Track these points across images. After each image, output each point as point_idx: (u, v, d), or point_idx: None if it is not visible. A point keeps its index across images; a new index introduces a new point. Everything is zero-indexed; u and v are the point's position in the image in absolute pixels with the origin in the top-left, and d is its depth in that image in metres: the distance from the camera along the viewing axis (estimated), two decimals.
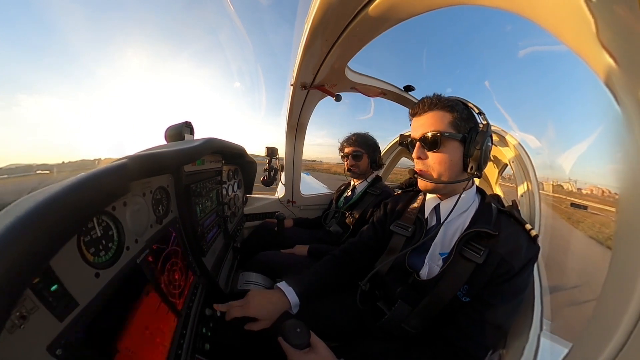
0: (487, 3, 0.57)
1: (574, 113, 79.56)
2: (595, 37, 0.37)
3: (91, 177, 0.41)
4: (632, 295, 0.35)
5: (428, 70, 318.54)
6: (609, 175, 0.42)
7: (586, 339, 0.43)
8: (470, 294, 0.68)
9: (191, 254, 0.84)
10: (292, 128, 1.74)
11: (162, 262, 0.67)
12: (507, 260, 0.64)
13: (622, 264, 0.39)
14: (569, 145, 25.01)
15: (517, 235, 0.68)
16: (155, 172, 0.70)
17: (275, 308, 0.78)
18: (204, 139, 0.88)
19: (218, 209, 1.13)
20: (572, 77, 21.39)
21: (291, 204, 2.02)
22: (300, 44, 1.01)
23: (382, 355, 0.73)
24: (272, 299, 0.80)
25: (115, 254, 0.50)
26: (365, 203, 1.49)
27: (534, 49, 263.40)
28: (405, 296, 0.78)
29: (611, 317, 0.38)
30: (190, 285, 0.77)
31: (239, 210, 1.45)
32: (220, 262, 1.01)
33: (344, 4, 0.77)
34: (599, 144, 11.65)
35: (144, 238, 0.63)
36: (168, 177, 0.80)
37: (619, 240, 0.39)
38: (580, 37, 0.41)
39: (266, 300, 0.78)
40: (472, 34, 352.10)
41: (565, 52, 0.46)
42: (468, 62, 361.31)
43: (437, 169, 0.73)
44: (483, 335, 0.65)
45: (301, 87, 1.32)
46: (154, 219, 0.69)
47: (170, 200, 0.79)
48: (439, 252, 0.77)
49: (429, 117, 0.74)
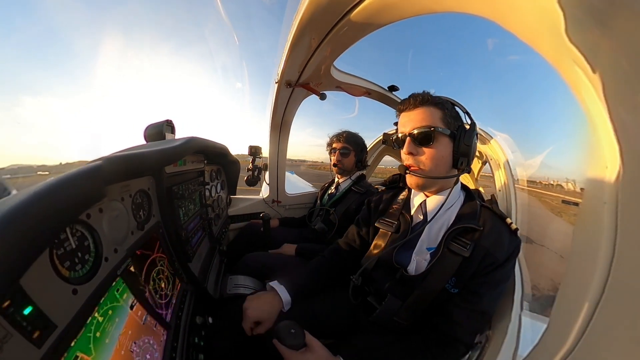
0: (471, 11, 0.59)
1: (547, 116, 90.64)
2: (568, 50, 0.40)
3: (61, 182, 0.35)
4: (594, 271, 0.38)
5: (412, 71, 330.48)
6: (577, 172, 0.47)
7: (561, 313, 0.47)
8: (458, 285, 0.70)
9: (177, 260, 0.78)
10: (276, 126, 1.69)
11: (146, 272, 0.61)
12: (492, 253, 0.67)
13: (584, 245, 0.43)
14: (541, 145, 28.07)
15: (500, 229, 0.71)
16: (135, 174, 0.63)
17: (273, 307, 0.79)
18: (186, 138, 0.82)
19: (202, 212, 1.06)
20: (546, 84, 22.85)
21: (276, 203, 1.97)
22: (287, 41, 0.97)
23: (377, 349, 0.73)
24: (267, 299, 0.80)
25: (92, 266, 0.44)
26: (349, 200, 1.49)
27: (512, 57, 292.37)
28: (395, 291, 0.79)
29: (579, 291, 0.42)
30: (178, 294, 0.71)
31: (223, 212, 1.38)
32: (207, 267, 0.95)
33: (334, 2, 0.76)
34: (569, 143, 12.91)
35: (124, 247, 0.56)
36: (149, 179, 0.73)
37: (580, 226, 0.43)
38: (554, 49, 0.44)
39: (262, 302, 0.79)
40: (456, 39, 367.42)
41: (541, 61, 0.49)
42: (451, 66, 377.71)
43: (428, 165, 0.72)
44: (471, 322, 0.69)
45: (286, 85, 1.29)
46: (135, 225, 0.62)
47: (151, 204, 0.72)
48: (426, 247, 0.78)
49: (420, 112, 0.72)
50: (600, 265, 0.38)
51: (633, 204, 0.34)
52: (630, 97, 0.34)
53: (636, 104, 0.34)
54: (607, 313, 0.37)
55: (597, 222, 0.39)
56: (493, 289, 0.69)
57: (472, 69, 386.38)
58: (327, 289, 0.96)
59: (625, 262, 0.35)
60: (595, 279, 0.39)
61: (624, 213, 0.35)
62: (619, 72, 0.35)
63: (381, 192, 1.03)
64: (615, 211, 0.37)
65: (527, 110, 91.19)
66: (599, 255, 0.38)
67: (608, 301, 0.37)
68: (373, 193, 1.29)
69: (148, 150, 0.64)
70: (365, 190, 1.47)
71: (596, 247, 0.39)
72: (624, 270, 0.35)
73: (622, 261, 0.35)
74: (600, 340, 0.37)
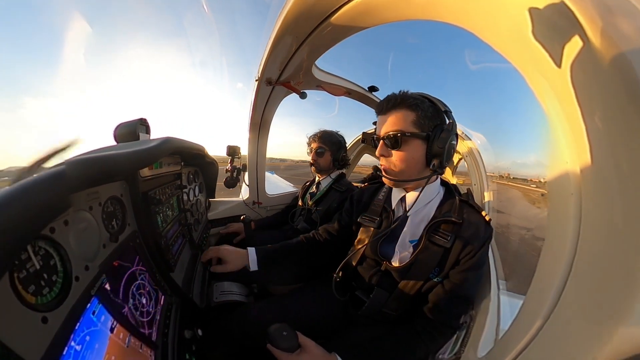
0: (449, 21, 0.62)
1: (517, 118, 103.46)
2: (534, 62, 0.44)
3: (17, 192, 0.29)
4: (563, 253, 0.43)
5: (393, 73, 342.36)
6: (540, 166, 0.52)
7: (536, 289, 0.52)
8: (441, 274, 0.74)
9: (158, 272, 0.70)
10: (256, 125, 1.62)
11: (125, 288, 0.54)
12: (470, 242, 0.72)
13: (555, 230, 0.48)
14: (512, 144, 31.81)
15: (477, 221, 0.75)
16: (105, 180, 0.55)
17: (239, 256, 0.88)
18: (162, 138, 0.74)
19: (180, 217, 0.97)
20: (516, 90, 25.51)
21: (257, 205, 1.90)
22: (269, 38, 0.93)
23: (369, 341, 0.74)
24: (239, 251, 0.89)
25: (62, 288, 0.37)
26: (330, 199, 1.49)
27: (486, 64, 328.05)
28: (381, 283, 0.80)
29: (550, 271, 0.46)
30: (162, 308, 0.64)
31: (202, 217, 1.28)
32: (190, 276, 0.87)
33: (319, 3, 0.74)
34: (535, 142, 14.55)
35: (97, 262, 0.49)
36: (121, 184, 0.64)
37: (550, 215, 0.48)
38: (524, 60, 0.49)
39: (233, 250, 0.89)
40: (436, 44, 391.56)
41: (511, 69, 0.54)
42: (430, 69, 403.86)
43: (399, 166, 0.74)
44: (455, 306, 0.73)
45: (266, 83, 1.24)
46: (107, 237, 0.54)
47: (125, 211, 0.64)
48: (408, 240, 0.80)
49: (393, 116, 0.72)
50: (568, 246, 0.43)
51: (593, 195, 0.39)
52: (584, 102, 0.38)
53: (588, 107, 0.38)
54: (575, 285, 0.41)
55: (566, 210, 0.43)
56: (473, 275, 0.73)
57: (450, 73, 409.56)
58: (315, 289, 0.96)
59: (589, 242, 0.40)
60: (564, 254, 0.43)
61: (587, 202, 0.40)
62: (574, 81, 0.39)
63: (363, 188, 1.04)
64: (579, 202, 0.41)
65: (500, 113, 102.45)
66: (568, 239, 0.43)
67: (576, 275, 0.41)
68: (353, 191, 1.31)
69: (120, 152, 0.56)
70: (345, 189, 1.49)
71: (565, 231, 0.43)
72: (588, 248, 0.40)
73: (586, 241, 0.40)
74: (570, 309, 0.41)
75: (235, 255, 0.88)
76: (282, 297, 0.95)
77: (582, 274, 0.40)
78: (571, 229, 0.42)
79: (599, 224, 0.38)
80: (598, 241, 0.38)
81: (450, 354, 0.75)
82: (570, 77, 0.39)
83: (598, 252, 0.38)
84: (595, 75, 0.35)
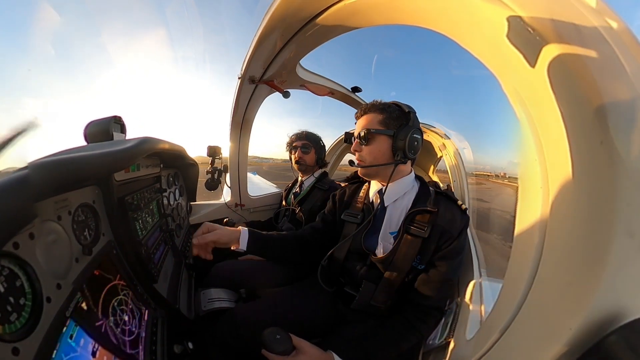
0: (433, 27, 0.65)
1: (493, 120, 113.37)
2: (507, 69, 0.48)
3: None
4: (534, 237, 0.47)
5: (376, 74, 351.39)
6: (513, 165, 0.57)
7: (512, 276, 0.55)
8: (423, 261, 0.77)
9: (139, 284, 0.63)
10: (237, 124, 1.55)
11: (104, 305, 0.48)
12: (447, 230, 0.76)
13: (525, 219, 0.51)
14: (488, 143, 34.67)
15: (452, 209, 0.81)
16: (75, 185, 0.48)
17: (232, 234, 0.84)
18: (139, 138, 0.67)
19: (161, 223, 0.89)
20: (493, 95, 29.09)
21: (240, 207, 1.82)
22: (254, 35, 0.90)
23: (363, 334, 0.76)
24: (232, 229, 0.86)
25: (32, 313, 0.31)
26: (314, 198, 1.49)
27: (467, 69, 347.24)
28: (368, 276, 0.82)
29: (523, 255, 0.50)
30: (147, 324, 0.58)
31: (184, 221, 1.19)
32: (176, 285, 0.80)
33: (307, 3, 0.73)
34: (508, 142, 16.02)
35: (70, 279, 0.42)
36: (93, 189, 0.57)
37: (519, 207, 0.53)
38: (499, 67, 0.52)
39: (226, 228, 0.85)
40: (419, 49, 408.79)
41: (489, 75, 0.58)
42: (412, 72, 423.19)
43: (367, 158, 0.84)
44: (439, 290, 0.77)
45: (249, 81, 1.19)
46: (80, 250, 0.48)
47: (99, 220, 0.56)
48: (389, 232, 0.83)
49: (365, 118, 0.85)
50: (538, 233, 0.47)
51: (557, 188, 0.42)
52: (545, 106, 0.42)
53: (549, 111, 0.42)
54: (546, 267, 0.45)
55: (536, 202, 0.47)
56: (453, 260, 0.78)
57: (431, 76, 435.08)
58: (305, 289, 0.95)
59: (555, 229, 0.43)
60: (534, 242, 0.47)
61: (553, 195, 0.44)
62: (538, 87, 0.43)
63: (344, 186, 1.06)
64: (547, 193, 0.45)
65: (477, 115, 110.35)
66: (537, 226, 0.47)
67: (545, 260, 0.45)
68: (336, 188, 1.33)
69: (92, 153, 0.50)
70: (328, 187, 1.49)
71: (535, 220, 0.47)
72: (555, 233, 0.43)
73: (553, 228, 0.44)
74: (545, 288, 0.44)
75: (228, 230, 0.85)
76: (270, 298, 0.93)
77: (552, 256, 0.44)
78: (539, 217, 0.46)
79: (563, 213, 0.42)
80: (564, 227, 0.42)
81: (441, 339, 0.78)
82: (537, 83, 0.42)
83: (564, 236, 0.42)
84: (558, 80, 0.38)
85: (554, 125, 0.40)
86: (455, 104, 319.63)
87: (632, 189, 0.30)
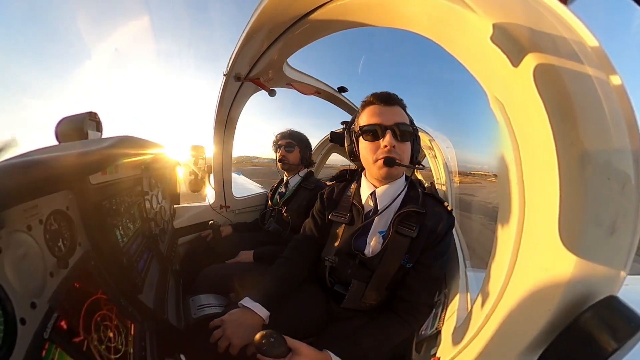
0: (420, 32, 0.66)
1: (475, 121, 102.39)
2: (488, 75, 0.51)
3: None
4: (513, 229, 0.50)
5: (362, 75, 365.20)
6: (494, 162, 0.61)
7: (493, 267, 0.59)
8: (411, 260, 0.79)
9: (123, 297, 0.58)
10: (221, 123, 1.48)
11: (85, 322, 0.43)
12: (434, 230, 0.78)
13: (504, 214, 0.55)
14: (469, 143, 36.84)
15: (439, 210, 0.83)
16: (45, 189, 0.43)
17: (254, 329, 0.69)
18: (116, 137, 0.61)
19: (144, 228, 0.83)
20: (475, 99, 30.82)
21: (225, 209, 1.75)
22: (242, 31, 0.86)
23: (355, 331, 0.76)
24: (247, 321, 0.71)
25: (5, 337, 0.27)
26: (300, 197, 1.47)
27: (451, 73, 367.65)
28: (357, 275, 0.82)
29: (504, 248, 0.54)
30: (135, 339, 0.53)
31: (168, 226, 1.12)
32: (163, 294, 0.75)
33: (298, 1, 0.71)
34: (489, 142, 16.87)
35: (45, 297, 0.37)
36: (66, 194, 0.50)
37: (499, 202, 0.56)
38: (482, 73, 0.55)
39: (243, 325, 0.70)
40: (406, 51, 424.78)
41: (471, 79, 0.61)
42: (399, 73, 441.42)
43: (405, 158, 0.78)
44: (428, 287, 0.80)
45: (235, 78, 1.14)
46: (54, 263, 0.42)
47: (75, 228, 0.50)
48: (378, 232, 0.84)
49: (398, 110, 0.77)
50: (516, 226, 0.50)
51: (532, 184, 0.45)
52: (520, 109, 0.46)
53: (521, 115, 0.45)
54: (524, 256, 0.48)
55: (513, 197, 0.50)
56: (440, 258, 0.81)
57: (417, 79, 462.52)
58: (295, 289, 0.93)
59: (531, 220, 0.46)
60: (513, 233, 0.50)
61: (528, 190, 0.47)
62: (514, 94, 0.46)
63: (331, 185, 1.04)
64: (523, 189, 0.48)
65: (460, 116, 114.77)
66: (515, 219, 0.50)
67: (523, 250, 0.48)
68: (322, 188, 1.33)
69: (64, 154, 0.44)
70: (314, 186, 1.48)
71: (513, 214, 0.51)
72: (531, 225, 0.46)
73: (529, 219, 0.47)
74: (523, 275, 0.47)
75: (249, 332, 0.67)
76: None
77: (528, 246, 0.47)
78: (517, 211, 0.49)
79: (538, 207, 0.45)
80: (538, 219, 0.45)
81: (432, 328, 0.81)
82: (514, 89, 0.46)
83: (539, 227, 0.45)
84: (533, 87, 0.41)
85: (528, 128, 0.44)
86: (440, 106, 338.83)
87: (599, 184, 0.34)
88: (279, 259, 0.93)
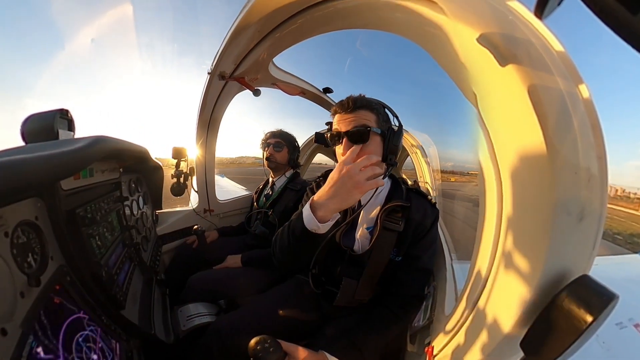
0: (407, 37, 0.68)
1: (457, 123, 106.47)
2: (469, 82, 0.54)
3: None
4: (494, 220, 0.53)
5: (348, 76, 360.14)
6: (475, 160, 0.64)
7: (477, 257, 0.61)
8: (400, 253, 0.81)
9: (104, 314, 0.52)
10: (204, 123, 1.41)
11: (65, 345, 0.38)
12: (421, 222, 0.81)
13: (485, 209, 0.58)
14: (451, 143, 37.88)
15: (423, 204, 0.85)
16: (10, 197, 0.37)
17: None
18: (90, 137, 0.54)
19: (124, 237, 0.75)
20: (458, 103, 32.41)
21: (209, 213, 1.67)
22: (229, 29, 0.82)
23: (350, 329, 0.76)
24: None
25: None
26: (286, 199, 1.44)
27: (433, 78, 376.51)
28: (347, 272, 0.83)
29: (486, 239, 0.57)
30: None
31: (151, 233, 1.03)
32: (148, 307, 0.69)
33: (288, 1, 0.69)
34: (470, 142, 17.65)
35: (17, 321, 0.32)
36: (35, 202, 0.44)
37: (480, 199, 0.59)
38: (463, 81, 0.58)
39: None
40: (392, 54, 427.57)
41: (452, 85, 0.62)
42: (384, 76, 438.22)
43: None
44: (417, 279, 0.82)
45: (219, 77, 1.09)
46: (24, 281, 0.37)
47: (45, 240, 0.44)
48: (365, 228, 0.85)
49: (358, 114, 0.75)
50: (496, 219, 0.53)
51: (508, 180, 0.48)
52: (495, 112, 0.49)
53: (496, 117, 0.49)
54: (504, 246, 0.50)
55: (495, 192, 0.54)
56: (428, 250, 0.83)
57: (402, 82, 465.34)
58: (285, 293, 0.92)
59: (509, 213, 0.49)
60: (493, 225, 0.54)
61: (506, 186, 0.50)
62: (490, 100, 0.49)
63: (318, 181, 1.03)
64: (500, 185, 0.52)
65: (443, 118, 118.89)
66: (495, 213, 0.53)
67: (503, 240, 0.51)
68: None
69: (30, 157, 0.39)
70: (300, 187, 1.46)
71: (493, 208, 0.54)
72: (509, 217, 0.49)
73: (507, 212, 0.50)
74: (504, 263, 0.49)
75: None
76: (252, 306, 0.88)
77: (508, 236, 0.49)
78: (496, 206, 0.52)
79: (515, 200, 0.48)
80: (516, 212, 0.48)
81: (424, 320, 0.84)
82: (490, 96, 0.49)
83: (517, 219, 0.48)
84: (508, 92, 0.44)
85: (503, 129, 0.47)
86: (423, 107, 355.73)
87: (567, 178, 0.37)
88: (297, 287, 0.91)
